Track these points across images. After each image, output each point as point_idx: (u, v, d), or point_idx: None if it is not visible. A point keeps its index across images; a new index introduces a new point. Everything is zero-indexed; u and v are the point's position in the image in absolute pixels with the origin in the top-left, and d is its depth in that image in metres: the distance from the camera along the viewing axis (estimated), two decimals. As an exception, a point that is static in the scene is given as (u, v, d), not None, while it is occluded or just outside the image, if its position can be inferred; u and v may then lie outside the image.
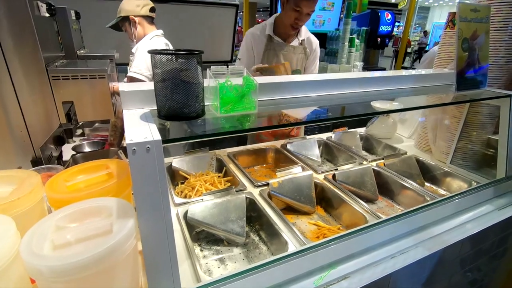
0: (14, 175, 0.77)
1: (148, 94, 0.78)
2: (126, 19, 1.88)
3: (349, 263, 0.86)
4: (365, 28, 3.84)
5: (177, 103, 0.70)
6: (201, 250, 1.03)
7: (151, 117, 0.73)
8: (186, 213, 1.05)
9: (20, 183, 0.72)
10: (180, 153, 1.51)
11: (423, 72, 1.37)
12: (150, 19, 1.96)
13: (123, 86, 0.78)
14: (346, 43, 3.58)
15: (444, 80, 1.35)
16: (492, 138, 1.43)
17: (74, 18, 1.91)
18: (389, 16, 3.80)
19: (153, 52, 0.67)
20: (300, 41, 1.76)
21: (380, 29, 3.81)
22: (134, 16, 1.87)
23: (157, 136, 0.60)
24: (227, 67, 0.82)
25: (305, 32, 1.79)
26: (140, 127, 0.65)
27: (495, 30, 1.27)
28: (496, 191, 1.20)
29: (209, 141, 1.53)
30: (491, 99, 1.19)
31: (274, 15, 1.74)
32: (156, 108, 0.75)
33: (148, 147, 0.58)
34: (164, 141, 0.60)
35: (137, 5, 1.88)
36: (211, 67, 0.80)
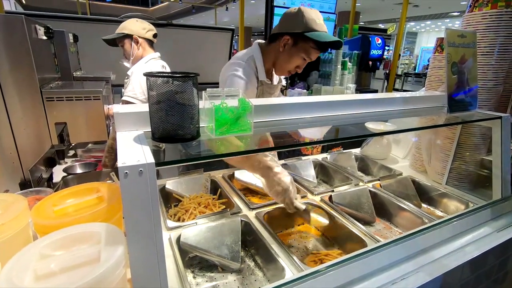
0: (-1, 199, 0.74)
1: (142, 116, 0.78)
2: (128, 37, 1.92)
3: (348, 290, 0.82)
4: (356, 52, 3.97)
5: (172, 125, 0.69)
6: (194, 277, 0.98)
7: (145, 139, 0.72)
8: (179, 237, 1.01)
9: (5, 208, 0.69)
10: (174, 174, 1.49)
11: (414, 94, 1.40)
12: (151, 43, 2.01)
13: (117, 108, 0.78)
14: (339, 66, 3.68)
15: (435, 102, 1.37)
16: (485, 159, 1.44)
17: (72, 40, 1.94)
18: (379, 41, 3.96)
19: (148, 75, 0.67)
20: (279, 77, 1.60)
21: (371, 53, 3.95)
22: (138, 37, 1.91)
23: (151, 159, 0.59)
24: (223, 89, 0.82)
25: None
26: (133, 149, 0.64)
27: (482, 54, 1.31)
28: (493, 213, 1.19)
29: (204, 163, 1.51)
30: (482, 120, 1.21)
31: (259, 53, 1.39)
32: (150, 130, 0.74)
33: (140, 170, 0.57)
34: (158, 164, 0.59)
35: (143, 28, 1.94)
36: (207, 89, 0.81)
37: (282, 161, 1.70)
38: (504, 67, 1.32)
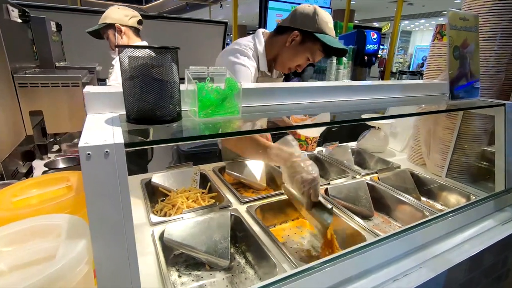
0: (-45, 191, 0.66)
1: (118, 96, 0.69)
2: (111, 26, 1.82)
3: (347, 288, 0.75)
4: (351, 46, 3.92)
5: (148, 104, 0.62)
6: (179, 276, 0.90)
7: (118, 121, 0.64)
8: (162, 233, 0.93)
9: (-43, 199, 0.60)
10: (162, 169, 1.40)
11: (413, 82, 1.34)
12: (136, 31, 1.91)
13: (88, 88, 0.70)
14: (334, 61, 3.63)
15: (435, 90, 1.31)
16: (487, 150, 1.38)
17: (54, 29, 1.84)
18: (375, 36, 3.90)
19: (120, 46, 0.60)
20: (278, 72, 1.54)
21: (367, 47, 3.89)
22: (121, 25, 1.81)
23: (119, 139, 0.51)
24: (208, 68, 0.75)
25: None
26: (101, 130, 0.56)
27: (484, 40, 1.25)
28: (496, 205, 1.13)
29: (194, 156, 1.44)
30: (486, 107, 1.15)
31: (263, 43, 1.31)
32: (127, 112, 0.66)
33: (106, 151, 0.49)
34: (128, 144, 0.51)
35: (126, 15, 1.84)
36: (190, 67, 0.73)
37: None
38: (507, 53, 1.26)
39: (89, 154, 0.47)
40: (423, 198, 1.43)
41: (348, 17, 5.58)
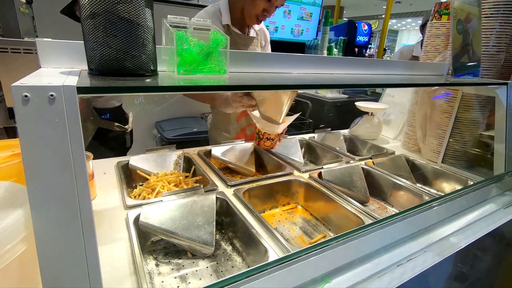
0: None
1: (81, 49, 0.57)
2: None
3: (347, 274, 0.67)
4: (342, 38, 3.85)
5: (114, 52, 0.50)
6: (156, 265, 0.79)
7: (77, 74, 0.52)
8: (138, 217, 0.82)
9: None
10: (142, 152, 1.28)
11: (413, 61, 1.27)
12: None
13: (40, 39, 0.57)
14: (325, 51, 3.55)
15: (434, 71, 1.25)
16: (484, 134, 1.33)
17: (23, 1, 1.67)
18: (366, 27, 3.86)
19: (78, -25, 0.48)
20: (256, 32, 1.52)
21: (357, 39, 3.84)
22: None
23: (71, 81, 0.40)
24: (190, 19, 0.64)
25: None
26: (50, 77, 0.44)
27: (485, 17, 1.19)
28: (498, 189, 1.08)
29: (179, 145, 1.32)
30: (489, 84, 1.09)
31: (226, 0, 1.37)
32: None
33: (51, 95, 0.37)
34: (81, 89, 0.39)
35: None
36: (168, 16, 0.62)
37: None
38: (508, 31, 1.21)
39: (26, 96, 0.36)
40: (418, 185, 1.37)
41: (338, 12, 5.57)
